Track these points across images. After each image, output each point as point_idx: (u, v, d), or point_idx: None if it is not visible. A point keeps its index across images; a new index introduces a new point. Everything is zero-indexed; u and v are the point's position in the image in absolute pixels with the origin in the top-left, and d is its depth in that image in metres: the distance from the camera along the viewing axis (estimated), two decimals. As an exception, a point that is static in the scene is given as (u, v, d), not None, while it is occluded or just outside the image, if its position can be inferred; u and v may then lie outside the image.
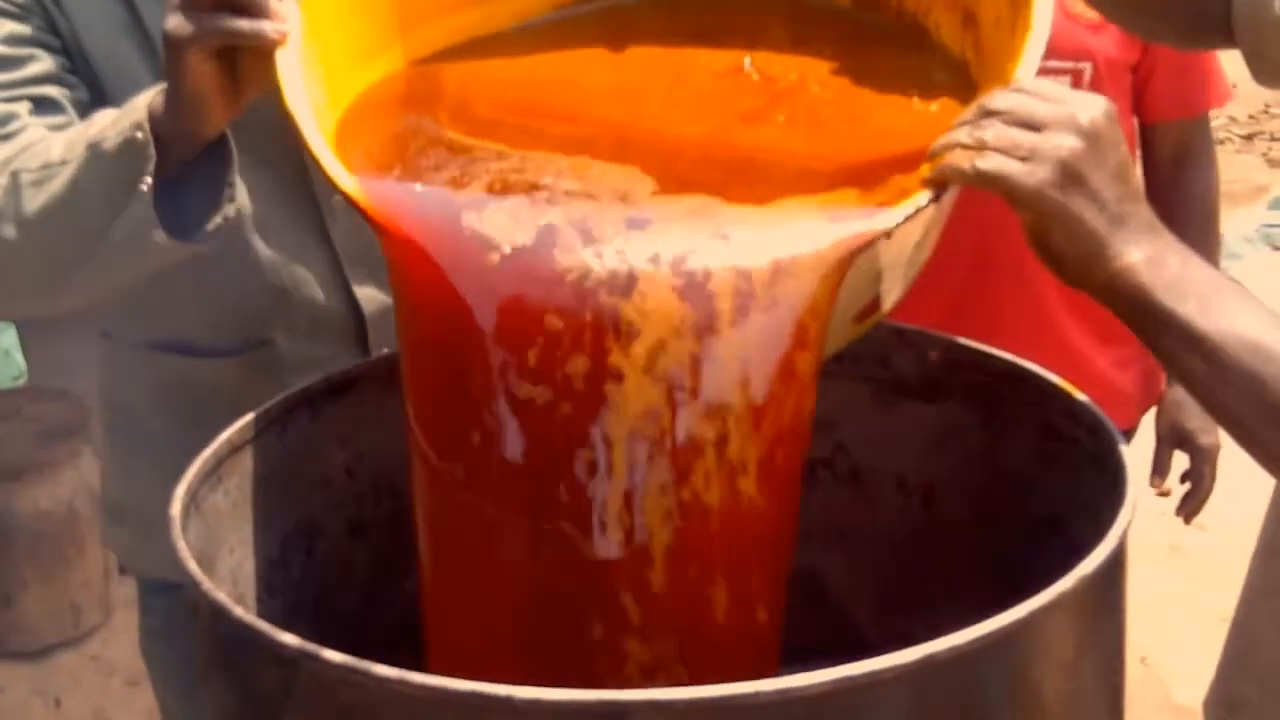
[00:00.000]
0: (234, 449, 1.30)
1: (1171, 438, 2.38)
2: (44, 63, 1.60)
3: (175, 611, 1.82)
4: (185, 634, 1.84)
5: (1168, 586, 2.88)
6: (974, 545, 1.43)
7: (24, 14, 1.60)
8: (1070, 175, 1.13)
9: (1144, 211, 1.17)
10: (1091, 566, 1.06)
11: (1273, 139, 6.09)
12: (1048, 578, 1.04)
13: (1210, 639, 2.44)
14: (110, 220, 1.41)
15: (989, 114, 1.16)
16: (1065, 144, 1.13)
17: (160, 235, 1.40)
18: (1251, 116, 6.32)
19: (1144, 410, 2.42)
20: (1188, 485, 2.46)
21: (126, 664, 3.46)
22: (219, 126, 1.40)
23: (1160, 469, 2.42)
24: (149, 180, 1.38)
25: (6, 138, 1.52)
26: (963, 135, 1.16)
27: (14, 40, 1.59)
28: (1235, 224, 4.88)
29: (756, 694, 0.95)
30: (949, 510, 1.45)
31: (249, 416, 1.33)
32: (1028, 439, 1.34)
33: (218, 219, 1.44)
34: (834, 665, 0.96)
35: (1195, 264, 1.17)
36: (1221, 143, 6.09)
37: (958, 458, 1.43)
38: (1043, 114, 1.15)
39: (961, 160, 1.15)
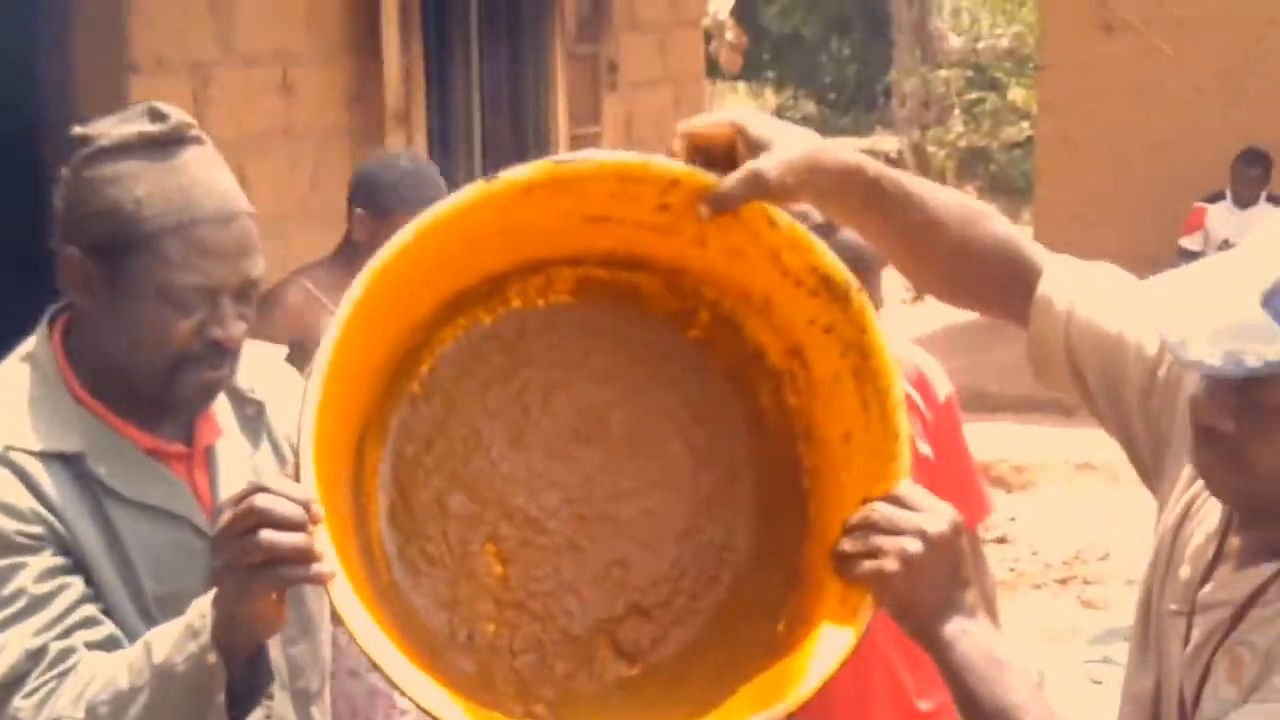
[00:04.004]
0: None
1: None
2: (74, 587, 1.68)
3: None
4: None
5: None
6: None
7: (41, 544, 1.67)
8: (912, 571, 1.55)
9: (964, 598, 1.58)
10: None
11: (1085, 583, 6.32)
12: None
13: None
14: None
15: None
16: (910, 548, 1.55)
17: None
18: (1065, 562, 6.57)
19: None
20: None
21: None
22: (279, 630, 1.53)
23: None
24: (221, 698, 1.50)
25: (71, 671, 1.61)
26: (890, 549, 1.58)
27: (43, 576, 1.66)
28: (1056, 662, 5.01)
29: None
30: None
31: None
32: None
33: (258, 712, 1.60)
34: None
35: (992, 642, 1.60)
36: (1038, 587, 6.29)
37: None
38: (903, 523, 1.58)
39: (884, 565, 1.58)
